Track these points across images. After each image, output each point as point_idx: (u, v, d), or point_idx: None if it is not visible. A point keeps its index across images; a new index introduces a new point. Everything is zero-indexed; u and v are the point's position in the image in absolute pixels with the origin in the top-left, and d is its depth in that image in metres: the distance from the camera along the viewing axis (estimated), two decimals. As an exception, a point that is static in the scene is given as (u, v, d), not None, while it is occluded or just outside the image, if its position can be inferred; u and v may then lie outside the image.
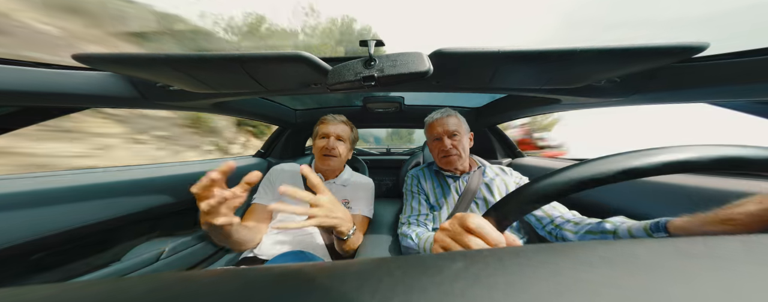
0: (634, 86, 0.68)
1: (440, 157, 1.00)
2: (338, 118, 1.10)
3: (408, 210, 0.96)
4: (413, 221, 0.90)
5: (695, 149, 0.27)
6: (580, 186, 0.28)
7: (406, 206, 0.99)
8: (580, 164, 0.29)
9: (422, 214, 0.93)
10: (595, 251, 0.18)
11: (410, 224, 0.89)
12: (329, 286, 0.15)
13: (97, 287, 0.17)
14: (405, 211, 0.98)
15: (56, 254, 0.80)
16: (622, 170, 0.27)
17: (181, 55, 0.52)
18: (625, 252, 0.18)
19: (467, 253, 0.19)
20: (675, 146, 0.28)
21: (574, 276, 0.15)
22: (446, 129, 0.98)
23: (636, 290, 0.13)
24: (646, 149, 0.28)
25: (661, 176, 0.70)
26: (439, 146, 0.99)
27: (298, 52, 0.52)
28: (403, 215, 0.96)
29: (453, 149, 0.96)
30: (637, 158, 0.27)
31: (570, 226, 0.69)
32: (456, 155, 0.97)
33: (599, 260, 0.17)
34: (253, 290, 0.16)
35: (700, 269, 0.15)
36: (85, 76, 0.65)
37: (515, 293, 0.14)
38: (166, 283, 0.17)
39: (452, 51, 0.51)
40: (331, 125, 1.06)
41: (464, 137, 1.00)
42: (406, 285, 0.15)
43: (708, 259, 0.16)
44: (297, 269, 0.18)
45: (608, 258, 0.17)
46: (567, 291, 0.14)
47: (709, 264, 0.16)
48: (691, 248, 0.18)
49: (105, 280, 0.18)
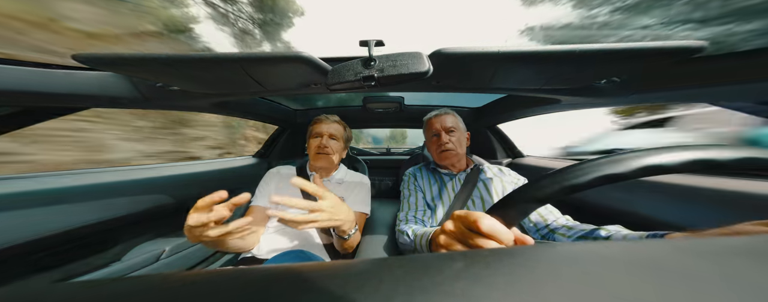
0: (634, 86, 0.68)
1: (438, 152, 1.03)
2: (331, 117, 1.12)
3: (405, 207, 0.97)
4: (411, 218, 0.91)
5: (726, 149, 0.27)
6: (601, 181, 0.27)
7: (403, 204, 1.00)
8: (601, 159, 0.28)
9: (420, 210, 0.94)
10: (595, 251, 0.18)
11: (407, 221, 0.89)
12: (330, 286, 0.15)
13: (97, 287, 0.17)
14: (402, 208, 0.99)
15: (56, 254, 0.80)
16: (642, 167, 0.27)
17: (181, 55, 0.52)
18: (625, 251, 0.18)
19: (467, 253, 0.19)
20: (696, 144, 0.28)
21: (573, 276, 0.15)
22: (444, 125, 1.03)
23: (636, 290, 0.13)
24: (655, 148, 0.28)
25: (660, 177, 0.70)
26: (437, 141, 1.03)
27: (298, 53, 0.52)
28: (401, 212, 0.96)
29: (450, 144, 0.99)
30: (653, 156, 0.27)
31: (564, 231, 0.70)
32: (453, 150, 0.99)
33: (599, 260, 0.17)
34: (253, 290, 0.16)
35: (700, 269, 0.15)
36: (85, 76, 0.65)
37: (516, 293, 0.14)
38: (166, 283, 0.17)
39: (452, 51, 0.51)
40: (323, 124, 1.09)
41: (461, 135, 1.04)
42: (407, 285, 0.15)
43: (708, 259, 0.16)
44: (297, 269, 0.18)
45: (608, 257, 0.17)
46: (567, 290, 0.14)
47: (708, 264, 0.16)
48: (691, 248, 0.18)
49: (105, 280, 0.18)
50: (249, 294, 0.15)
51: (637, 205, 0.81)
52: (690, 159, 0.26)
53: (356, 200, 1.05)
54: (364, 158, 1.84)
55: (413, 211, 0.94)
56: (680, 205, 0.71)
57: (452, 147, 0.99)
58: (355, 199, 1.06)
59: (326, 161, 1.06)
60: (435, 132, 1.04)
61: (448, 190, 0.99)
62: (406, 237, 0.78)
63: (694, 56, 0.52)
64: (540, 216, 0.78)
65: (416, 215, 0.92)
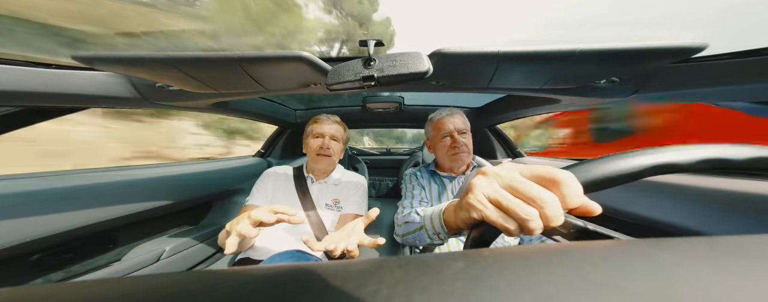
0: (634, 86, 0.68)
1: (450, 154, 0.99)
2: (332, 118, 1.11)
3: (408, 197, 0.96)
4: (415, 204, 0.90)
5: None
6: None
7: (406, 195, 0.99)
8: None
9: (425, 200, 0.93)
10: (596, 251, 0.18)
11: (413, 207, 0.88)
12: (329, 286, 0.15)
13: (97, 287, 0.17)
14: (405, 197, 0.97)
15: (56, 254, 0.80)
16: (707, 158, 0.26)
17: (181, 55, 0.52)
18: (626, 251, 0.18)
19: (468, 253, 0.19)
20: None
21: (574, 276, 0.15)
22: (457, 127, 1.00)
23: (637, 290, 0.13)
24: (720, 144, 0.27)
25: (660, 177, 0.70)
26: (449, 142, 0.99)
27: (298, 53, 0.52)
28: (403, 201, 0.95)
29: (464, 146, 0.98)
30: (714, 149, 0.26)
31: None
32: (466, 152, 0.98)
33: (600, 260, 0.17)
34: (253, 290, 0.16)
35: (700, 268, 0.15)
36: (85, 76, 0.65)
37: (516, 293, 0.14)
38: (166, 283, 0.17)
39: (452, 51, 0.51)
40: (325, 124, 1.07)
41: (471, 137, 1.03)
42: (406, 285, 0.15)
43: (709, 259, 0.16)
44: (297, 269, 0.18)
45: (609, 258, 0.17)
46: (568, 291, 0.14)
47: (710, 264, 0.16)
48: (692, 248, 0.18)
49: (105, 280, 0.18)
50: (248, 294, 0.15)
51: (637, 205, 0.80)
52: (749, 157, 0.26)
53: (352, 202, 1.05)
54: (364, 158, 1.85)
55: (417, 200, 0.93)
56: (680, 205, 0.71)
57: (465, 149, 0.98)
58: (351, 200, 1.05)
59: (327, 163, 1.06)
60: (447, 133, 1.00)
61: (446, 193, 0.99)
62: (415, 214, 0.76)
63: (694, 56, 0.52)
64: None
65: (421, 203, 0.92)
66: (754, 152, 0.26)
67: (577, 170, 0.27)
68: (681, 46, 0.47)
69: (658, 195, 0.76)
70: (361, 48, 0.52)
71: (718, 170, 0.25)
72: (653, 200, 0.77)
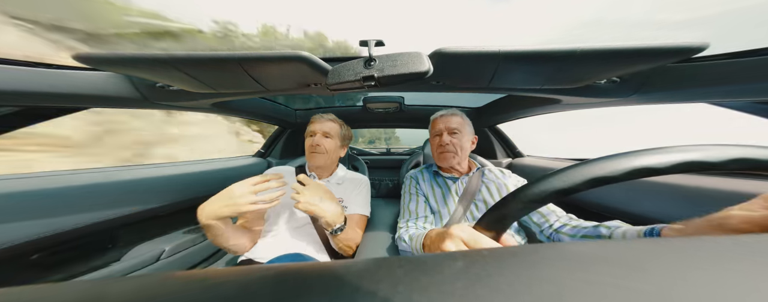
0: (634, 86, 0.68)
1: (438, 153, 1.02)
2: (325, 116, 1.12)
3: (406, 214, 0.96)
4: (411, 225, 0.90)
5: (699, 149, 0.27)
6: (587, 185, 0.27)
7: (403, 211, 0.99)
8: (579, 165, 0.28)
9: (421, 217, 0.93)
10: (595, 251, 0.18)
11: (408, 227, 0.89)
12: (329, 286, 0.15)
13: (97, 287, 0.17)
14: (403, 215, 0.97)
15: (56, 254, 0.80)
16: (629, 170, 0.26)
17: (181, 55, 0.52)
18: (625, 251, 0.18)
19: (468, 253, 0.19)
20: (679, 145, 0.28)
21: (573, 276, 0.15)
22: (448, 126, 1.00)
23: (635, 290, 0.13)
24: (649, 149, 0.28)
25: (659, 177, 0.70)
26: (438, 141, 1.01)
27: (298, 53, 0.52)
28: (402, 219, 0.95)
29: (450, 145, 0.98)
30: (640, 158, 0.27)
31: (567, 229, 0.71)
32: (452, 152, 0.98)
33: (599, 260, 0.17)
34: (253, 290, 0.16)
35: (698, 268, 0.15)
36: (85, 76, 0.65)
37: (515, 293, 0.14)
38: (166, 283, 0.17)
39: (452, 51, 0.51)
40: (317, 123, 1.09)
41: (465, 138, 1.01)
42: (406, 285, 0.15)
43: (706, 259, 0.16)
44: (297, 269, 0.18)
45: (608, 257, 0.17)
46: (566, 290, 0.14)
47: (707, 264, 0.16)
48: (690, 247, 0.18)
49: (104, 280, 0.18)
50: (248, 293, 0.15)
51: (637, 204, 0.81)
52: (679, 161, 0.26)
53: (355, 202, 1.05)
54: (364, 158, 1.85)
55: (414, 218, 0.93)
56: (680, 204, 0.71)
57: (451, 149, 0.97)
58: (354, 200, 1.05)
59: (320, 160, 1.05)
60: (437, 132, 1.02)
61: (451, 194, 0.98)
62: (404, 243, 0.79)
63: (694, 56, 0.52)
64: (543, 217, 0.78)
65: (417, 223, 0.91)
66: (678, 157, 0.27)
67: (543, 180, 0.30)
68: (681, 46, 0.47)
69: (658, 196, 0.76)
70: (361, 48, 0.52)
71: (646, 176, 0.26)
72: (653, 201, 0.77)
